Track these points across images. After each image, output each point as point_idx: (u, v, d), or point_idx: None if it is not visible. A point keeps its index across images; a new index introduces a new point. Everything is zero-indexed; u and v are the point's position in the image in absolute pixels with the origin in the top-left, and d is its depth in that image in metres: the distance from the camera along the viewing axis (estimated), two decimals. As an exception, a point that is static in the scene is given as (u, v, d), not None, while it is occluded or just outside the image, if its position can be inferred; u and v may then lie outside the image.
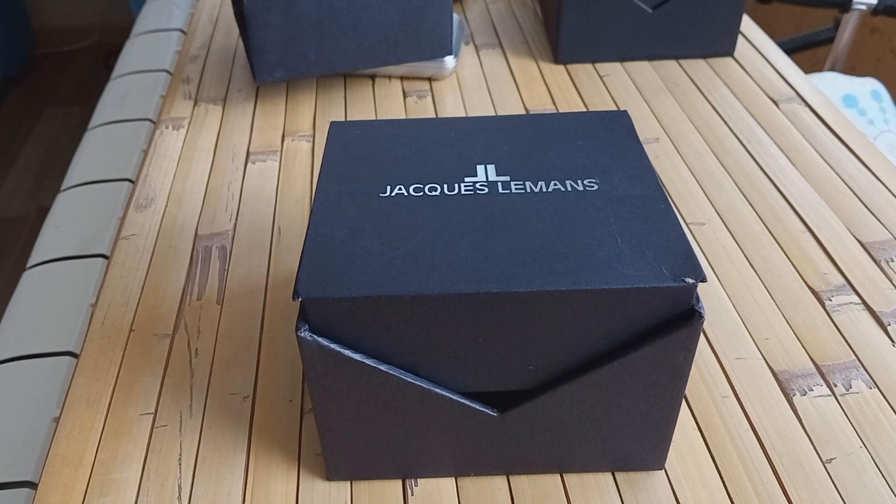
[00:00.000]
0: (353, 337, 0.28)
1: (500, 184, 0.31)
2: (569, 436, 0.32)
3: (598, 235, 0.28)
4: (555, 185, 0.31)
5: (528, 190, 0.31)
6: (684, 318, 0.28)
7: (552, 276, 0.27)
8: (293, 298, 0.27)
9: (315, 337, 0.28)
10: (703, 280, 0.27)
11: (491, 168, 0.32)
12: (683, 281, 0.27)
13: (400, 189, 0.31)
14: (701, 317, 0.28)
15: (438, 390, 0.30)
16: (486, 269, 0.27)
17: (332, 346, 0.28)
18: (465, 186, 0.31)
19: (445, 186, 0.31)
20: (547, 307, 0.27)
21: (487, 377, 0.30)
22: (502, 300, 0.27)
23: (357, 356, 0.28)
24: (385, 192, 0.31)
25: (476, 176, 0.31)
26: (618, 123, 0.35)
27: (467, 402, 0.30)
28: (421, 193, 0.30)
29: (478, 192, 0.30)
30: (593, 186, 0.31)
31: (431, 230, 0.29)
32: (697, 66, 0.65)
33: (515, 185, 0.31)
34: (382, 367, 0.29)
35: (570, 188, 0.31)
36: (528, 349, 0.29)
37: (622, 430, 0.32)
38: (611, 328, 0.28)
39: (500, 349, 0.29)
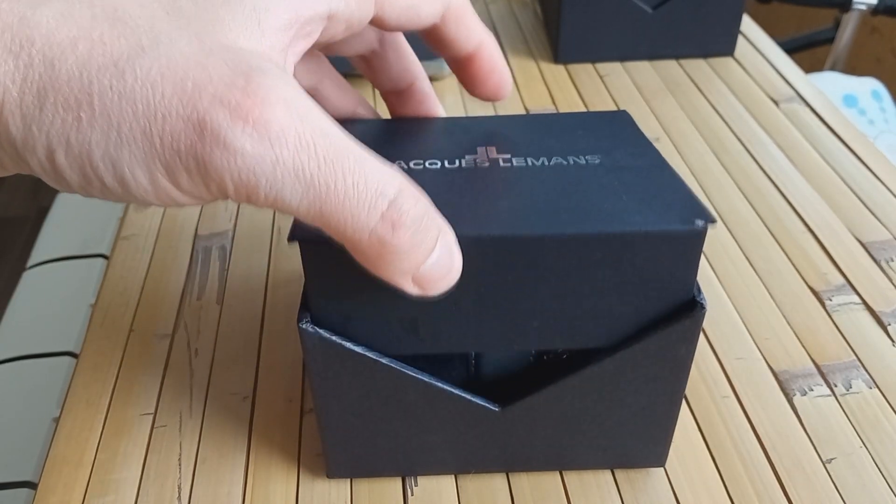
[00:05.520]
0: (350, 283, 0.27)
1: (500, 160, 0.31)
2: (570, 431, 0.32)
3: (602, 194, 0.28)
4: (556, 160, 0.30)
5: (530, 164, 0.30)
6: (686, 309, 0.28)
7: (557, 223, 0.26)
8: (289, 240, 0.26)
9: (317, 329, 0.28)
10: (713, 221, 0.26)
11: (492, 148, 0.32)
12: (693, 223, 0.26)
13: (400, 163, 0.31)
14: (703, 308, 0.28)
15: (440, 384, 0.30)
16: (489, 218, 0.27)
17: (334, 338, 0.28)
18: (466, 162, 0.31)
19: (446, 161, 0.31)
20: (551, 254, 0.27)
21: (490, 334, 0.29)
22: (505, 245, 0.26)
23: (358, 349, 0.29)
24: None
25: (476, 154, 0.31)
26: (618, 120, 0.35)
27: (469, 397, 0.30)
28: (421, 167, 0.30)
29: (479, 166, 0.30)
30: (595, 161, 0.30)
31: (431, 193, 0.28)
32: (697, 66, 0.65)
33: (516, 160, 0.31)
34: (384, 361, 0.29)
35: (571, 162, 0.30)
36: (531, 302, 0.28)
37: (624, 425, 0.32)
38: (618, 280, 0.27)
39: (503, 302, 0.28)
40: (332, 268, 0.27)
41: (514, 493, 0.34)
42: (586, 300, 0.28)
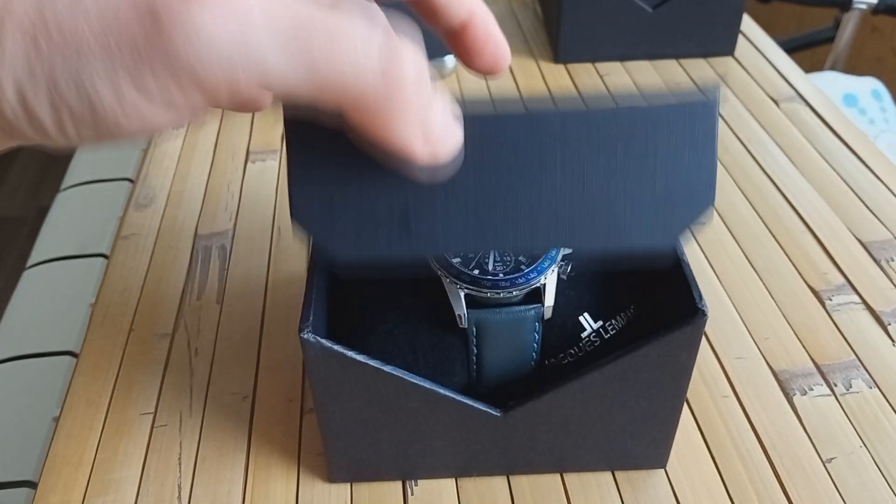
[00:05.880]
0: (337, 166, 0.25)
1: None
2: (572, 435, 0.32)
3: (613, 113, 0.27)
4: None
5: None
6: (688, 315, 0.28)
7: (564, 107, 0.25)
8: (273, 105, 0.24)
9: (318, 338, 0.28)
10: (718, 91, 0.26)
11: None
12: (703, 96, 0.25)
13: None
14: (704, 315, 0.28)
15: (441, 391, 0.30)
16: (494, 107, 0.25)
17: (336, 347, 0.28)
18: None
19: None
20: (559, 129, 0.25)
21: (489, 230, 0.26)
22: (508, 121, 0.25)
23: (360, 357, 0.28)
24: None
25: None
26: None
27: (470, 403, 0.30)
28: None
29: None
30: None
31: None
32: (697, 66, 0.65)
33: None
34: (386, 369, 0.29)
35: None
36: (534, 189, 0.26)
37: (625, 429, 0.32)
38: (630, 163, 0.25)
39: (504, 189, 0.26)
40: (318, 148, 0.25)
41: (514, 493, 0.34)
42: (596, 186, 0.25)
